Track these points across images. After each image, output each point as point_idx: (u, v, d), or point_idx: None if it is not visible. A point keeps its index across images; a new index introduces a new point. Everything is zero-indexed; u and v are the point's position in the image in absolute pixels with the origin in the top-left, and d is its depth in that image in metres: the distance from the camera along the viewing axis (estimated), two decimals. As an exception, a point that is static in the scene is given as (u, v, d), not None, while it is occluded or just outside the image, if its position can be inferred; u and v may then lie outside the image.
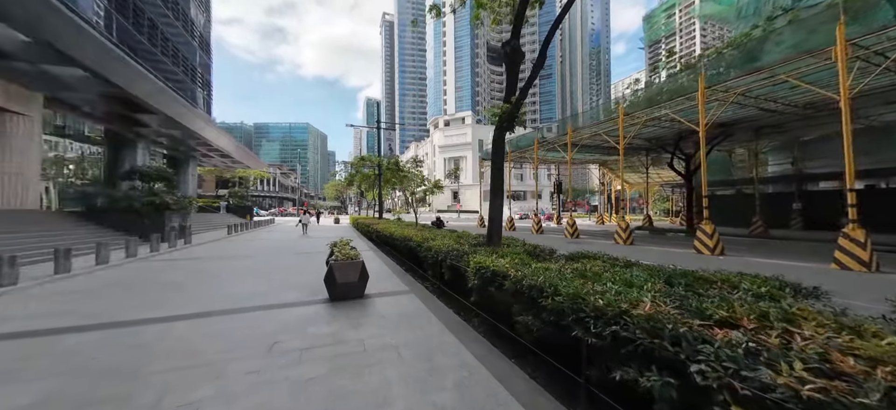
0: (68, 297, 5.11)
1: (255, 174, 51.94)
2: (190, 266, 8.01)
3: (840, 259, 7.57)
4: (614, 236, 14.31)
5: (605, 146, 20.28)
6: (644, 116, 14.01)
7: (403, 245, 7.83)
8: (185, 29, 28.15)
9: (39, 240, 9.82)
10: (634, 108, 14.53)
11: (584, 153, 22.78)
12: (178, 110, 17.55)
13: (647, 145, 20.40)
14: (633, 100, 16.20)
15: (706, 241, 10.56)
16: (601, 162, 29.20)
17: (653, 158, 23.86)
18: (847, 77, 7.77)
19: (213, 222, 23.94)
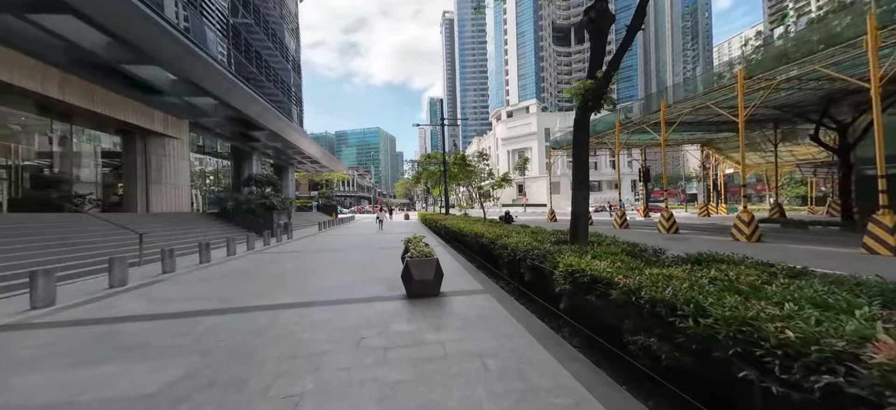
0: (208, 283, 6.29)
1: (337, 177, 58.65)
2: (292, 259, 9.24)
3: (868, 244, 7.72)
4: (732, 232, 11.59)
5: (711, 121, 16.68)
6: (776, 78, 10.90)
7: (474, 242, 7.60)
8: (282, 56, 33.09)
9: (190, 236, 12.64)
10: (759, 68, 11.43)
11: (681, 132, 19.17)
12: (280, 125, 20.69)
13: (776, 115, 16.04)
14: (757, 59, 12.79)
15: (886, 238, 7.67)
16: (704, 142, 24.21)
17: (784, 131, 18.71)
18: None
19: (307, 219, 27.76)
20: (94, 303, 4.88)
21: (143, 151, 15.28)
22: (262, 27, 27.43)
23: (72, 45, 9.68)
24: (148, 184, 15.26)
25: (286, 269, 7.59)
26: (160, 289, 5.82)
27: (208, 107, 15.83)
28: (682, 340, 1.89)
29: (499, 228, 7.76)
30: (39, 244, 7.68)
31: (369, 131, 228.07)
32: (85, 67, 10.90)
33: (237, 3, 23.07)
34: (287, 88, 33.58)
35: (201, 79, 12.73)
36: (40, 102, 10.92)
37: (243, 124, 19.03)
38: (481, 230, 7.33)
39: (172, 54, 10.95)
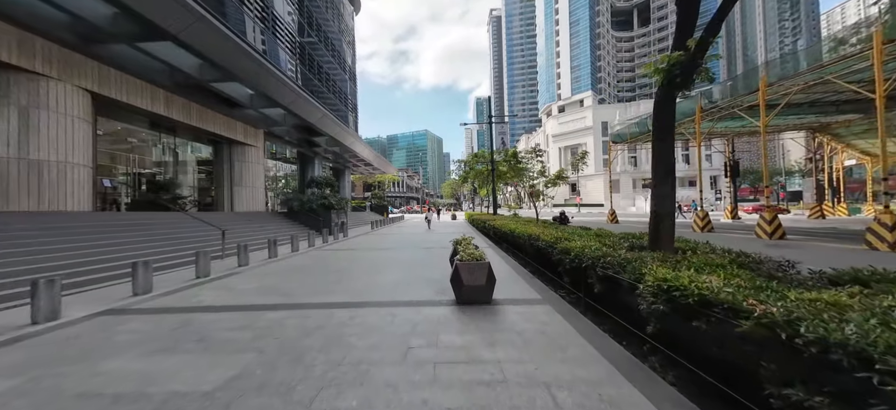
0: (272, 278, 6.76)
1: (388, 178, 61.52)
2: (346, 256, 9.64)
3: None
4: (868, 238, 9.00)
5: (829, 101, 13.35)
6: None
7: (528, 245, 6.99)
8: (340, 67, 35.74)
9: (262, 233, 14.10)
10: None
11: (786, 116, 15.75)
12: (337, 130, 22.20)
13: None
14: (893, 19, 9.78)
15: None
16: (817, 128, 19.60)
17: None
18: None
19: (361, 218, 29.43)
20: (180, 292, 5.51)
21: (228, 158, 17.60)
22: (323, 43, 29.88)
23: (173, 69, 11.47)
24: (232, 186, 17.53)
25: (340, 266, 7.87)
26: (234, 281, 6.40)
27: (278, 117, 17.60)
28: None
29: (555, 230, 7.03)
30: (145, 239, 9.15)
31: (418, 134, 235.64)
32: (183, 87, 12.85)
33: (303, 24, 25.43)
34: (344, 97, 36.15)
35: (272, 91, 14.15)
36: (151, 118, 13.16)
37: (306, 131, 20.82)
38: (536, 232, 6.70)
39: (251, 71, 12.31)
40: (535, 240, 6.44)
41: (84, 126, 10.09)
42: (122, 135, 13.67)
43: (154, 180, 14.82)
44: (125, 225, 9.45)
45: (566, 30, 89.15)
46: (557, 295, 4.95)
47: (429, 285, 5.73)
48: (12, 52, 8.17)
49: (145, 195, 13.71)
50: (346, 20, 37.43)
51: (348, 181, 36.25)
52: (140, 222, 10.16)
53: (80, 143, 9.91)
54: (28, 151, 8.58)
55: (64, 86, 9.42)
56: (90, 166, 10.30)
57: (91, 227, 8.56)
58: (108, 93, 10.76)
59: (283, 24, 21.08)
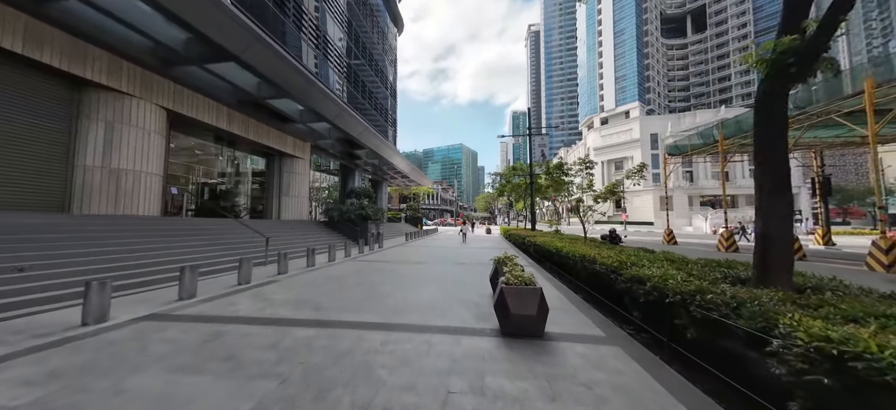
0: (307, 288, 6.65)
1: (424, 191, 62.42)
2: (381, 268, 9.41)
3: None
4: None
5: None
6: None
7: (581, 268, 6.12)
8: (383, 84, 37.46)
9: (304, 241, 14.57)
10: None
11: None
12: (377, 143, 22.88)
13: None
14: None
15: None
16: None
17: None
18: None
19: (397, 229, 29.76)
20: (220, 300, 5.54)
21: (278, 169, 18.81)
22: (368, 62, 31.53)
23: (235, 87, 12.53)
24: (280, 196, 18.62)
25: (374, 279, 7.60)
26: (271, 290, 6.38)
27: (324, 130, 18.52)
28: None
29: (612, 251, 6.09)
30: (200, 243, 9.73)
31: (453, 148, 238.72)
32: (243, 104, 13.98)
33: (351, 45, 27.09)
34: (385, 112, 37.63)
35: (319, 105, 14.89)
36: (215, 132, 14.45)
37: (349, 144, 21.70)
38: (590, 253, 5.83)
39: (300, 86, 13.05)
40: (589, 263, 5.58)
41: (158, 139, 11.25)
42: (191, 148, 15.16)
43: (214, 189, 16.20)
44: (184, 230, 10.20)
45: (610, 39, 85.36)
46: (624, 333, 4.07)
47: (467, 307, 5.15)
48: (103, 73, 9.38)
49: (206, 203, 14.97)
50: (390, 40, 39.32)
51: (385, 193, 37.19)
52: (197, 228, 10.94)
53: (154, 154, 11.04)
54: (110, 161, 9.68)
55: (144, 103, 10.62)
56: (161, 174, 11.42)
57: (156, 230, 9.32)
58: (181, 109, 11.97)
59: (333, 47, 22.56)
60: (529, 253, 12.86)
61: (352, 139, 19.94)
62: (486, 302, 5.46)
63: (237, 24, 9.50)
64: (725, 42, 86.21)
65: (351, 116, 17.78)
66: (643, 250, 6.12)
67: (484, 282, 7.29)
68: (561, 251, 7.50)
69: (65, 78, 9.09)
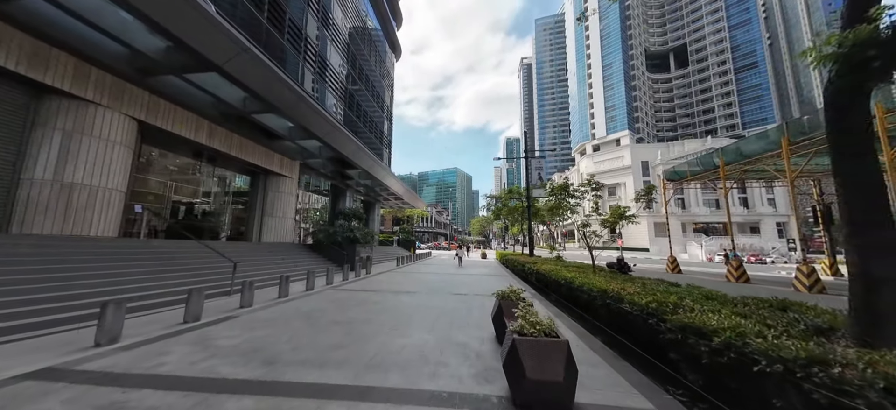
0: (267, 329, 5.48)
1: (418, 213, 61.44)
2: (365, 300, 8.25)
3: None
4: None
5: None
6: None
7: (601, 305, 5.14)
8: (379, 108, 37.50)
9: (281, 266, 13.29)
10: None
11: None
12: (370, 163, 22.13)
13: None
14: None
15: None
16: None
17: None
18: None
19: (387, 253, 28.43)
20: (148, 346, 4.36)
21: (262, 188, 17.75)
22: (365, 86, 31.57)
23: (219, 100, 11.74)
24: (263, 216, 17.44)
25: (354, 315, 6.45)
26: (221, 331, 5.20)
27: (314, 149, 17.73)
28: None
29: (634, 285, 5.17)
30: (151, 270, 8.47)
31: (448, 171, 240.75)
32: (227, 118, 13.17)
33: (349, 68, 27.09)
34: (380, 134, 37.38)
35: (309, 122, 14.15)
36: (194, 148, 13.49)
37: (340, 164, 20.89)
38: (613, 289, 4.88)
39: (290, 102, 12.33)
40: (614, 301, 4.62)
41: (124, 152, 10.24)
42: (163, 163, 14.11)
43: (189, 209, 14.98)
44: (138, 254, 8.95)
45: (599, 72, 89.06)
46: (680, 404, 3.05)
47: (465, 359, 4.09)
48: (67, 79, 8.50)
49: (177, 224, 13.70)
50: (387, 66, 39.86)
51: (378, 215, 36.08)
52: (157, 252, 9.69)
53: (117, 168, 9.98)
54: (63, 174, 8.59)
55: (111, 113, 9.70)
56: (123, 190, 10.30)
57: (102, 254, 8.09)
58: (155, 121, 11.06)
59: (332, 71, 22.38)
60: (530, 282, 11.82)
61: (344, 158, 19.16)
62: (490, 350, 4.41)
63: (220, 32, 8.85)
64: (707, 77, 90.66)
65: (343, 135, 17.10)
66: (675, 287, 5.22)
67: (485, 319, 6.22)
68: (573, 283, 6.53)
69: (23, 83, 8.18)
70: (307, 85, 18.40)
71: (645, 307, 3.79)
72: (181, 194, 15.18)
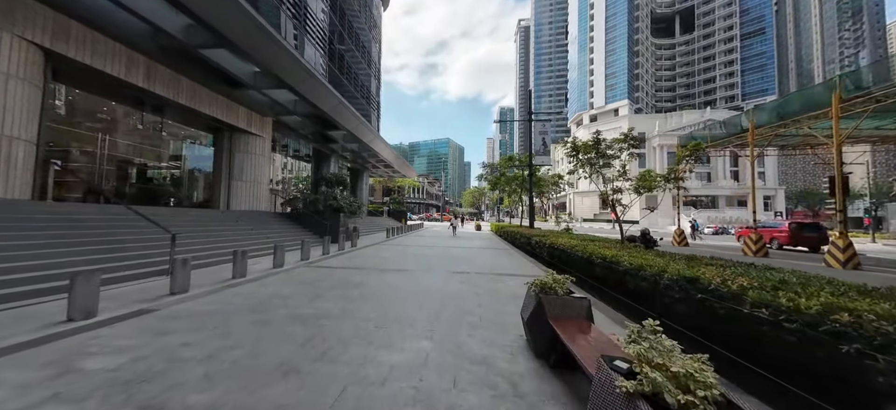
0: (184, 336, 3.74)
1: (409, 183, 59.21)
2: (346, 281, 6.54)
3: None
4: None
5: None
6: None
7: (677, 296, 3.55)
8: (366, 63, 33.92)
9: (247, 238, 11.40)
10: None
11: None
12: (355, 123, 19.66)
13: None
14: None
15: None
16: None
17: None
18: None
19: (377, 224, 26.71)
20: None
21: (227, 148, 15.34)
22: (347, 33, 28.00)
23: (155, 28, 9.11)
24: (230, 181, 15.20)
25: (325, 308, 4.73)
26: (109, 339, 3.42)
27: (289, 102, 15.20)
28: None
29: (712, 268, 3.58)
30: (55, 243, 6.48)
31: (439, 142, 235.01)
32: (169, 54, 10.53)
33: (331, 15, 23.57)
34: (367, 93, 34.16)
35: (276, 65, 11.64)
36: (130, 91, 10.89)
37: (321, 123, 18.39)
38: (704, 276, 3.26)
39: (242, 30, 9.77)
40: (722, 298, 2.99)
41: (28, 91, 7.81)
42: (92, 109, 11.55)
43: (142, 171, 12.65)
44: (30, 219, 6.85)
45: (601, 37, 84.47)
46: None
47: (491, 390, 2.46)
48: None
49: (110, 187, 11.43)
50: (374, 15, 35.72)
51: (366, 184, 33.89)
52: (61, 216, 7.59)
53: (18, 110, 7.61)
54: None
55: (4, 36, 7.17)
56: (30, 141, 7.98)
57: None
58: (67, 51, 8.49)
59: (313, 17, 19.14)
60: (539, 257, 10.34)
61: (324, 116, 16.69)
62: (528, 375, 2.79)
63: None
64: (712, 43, 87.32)
65: (321, 86, 14.57)
66: (744, 264, 3.69)
67: (501, 311, 4.63)
68: (617, 264, 4.92)
69: None
70: (285, 32, 15.46)
71: (801, 311, 2.16)
72: (131, 153, 12.76)
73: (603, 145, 7.67)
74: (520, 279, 7.04)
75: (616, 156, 7.58)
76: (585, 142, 8.24)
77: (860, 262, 10.37)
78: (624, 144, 7.52)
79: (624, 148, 7.53)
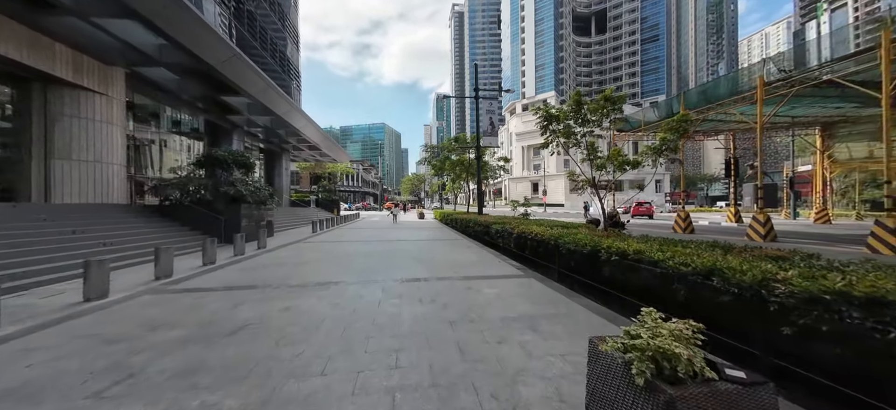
0: None
1: (341, 169, 53.40)
2: (210, 323, 3.76)
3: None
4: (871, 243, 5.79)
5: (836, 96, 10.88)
6: None
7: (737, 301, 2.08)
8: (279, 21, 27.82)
9: (81, 244, 7.25)
10: None
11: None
12: (262, 87, 15.26)
13: None
14: None
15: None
16: (824, 125, 18.30)
17: None
18: None
19: (301, 216, 22.44)
20: None
21: (42, 110, 9.98)
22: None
23: None
24: (47, 159, 9.95)
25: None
26: None
27: (151, 48, 10.46)
28: None
29: (737, 259, 2.25)
30: None
31: (375, 127, 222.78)
32: None
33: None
34: (284, 60, 28.30)
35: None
36: None
37: (210, 84, 13.63)
38: (760, 271, 1.82)
39: None
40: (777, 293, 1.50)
41: None
42: None
43: None
44: None
45: (531, 29, 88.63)
46: None
47: None
48: None
49: None
50: (288, -36, 29.52)
51: (287, 169, 28.53)
52: None
53: None
54: None
55: None
56: None
57: None
58: None
59: None
60: (503, 249, 8.81)
61: (214, 74, 12.20)
62: None
63: None
64: (620, 45, 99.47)
65: (199, 24, 10.24)
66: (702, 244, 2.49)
67: (511, 365, 2.64)
68: (625, 253, 3.40)
69: None
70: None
71: None
72: None
73: (585, 110, 6.25)
74: (496, 282, 5.24)
75: (599, 122, 6.27)
76: (562, 109, 6.75)
77: (777, 234, 11.44)
78: (606, 108, 6.22)
79: (606, 113, 6.24)
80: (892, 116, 7.66)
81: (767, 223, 11.08)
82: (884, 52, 7.00)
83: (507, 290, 4.74)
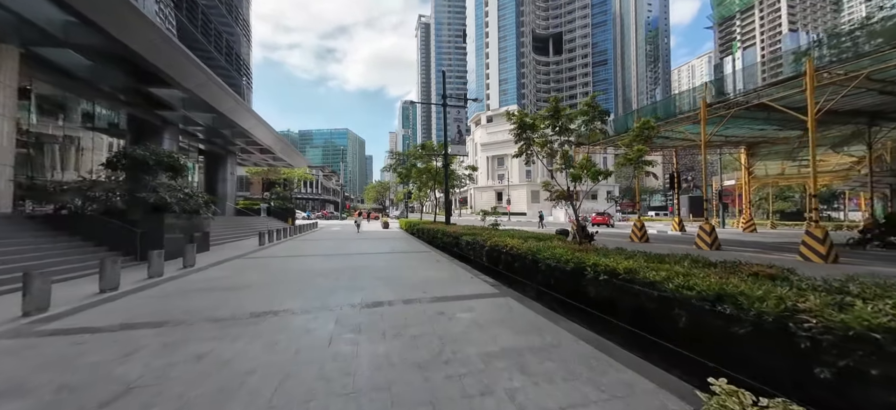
0: None
1: (298, 175, 49.86)
2: (85, 387, 2.67)
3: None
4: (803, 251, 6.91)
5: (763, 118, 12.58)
6: None
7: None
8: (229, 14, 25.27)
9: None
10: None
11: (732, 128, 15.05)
12: (202, 79, 13.40)
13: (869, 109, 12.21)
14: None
15: None
16: (749, 144, 20.83)
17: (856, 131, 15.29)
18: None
19: (247, 226, 20.09)
20: None
21: None
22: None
23: None
24: None
25: None
26: None
27: (55, 25, 8.48)
28: None
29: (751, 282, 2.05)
30: None
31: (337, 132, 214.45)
32: None
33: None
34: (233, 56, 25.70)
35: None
36: None
37: (136, 72, 11.57)
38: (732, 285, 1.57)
39: None
40: None
41: None
42: None
43: None
44: None
45: (495, 44, 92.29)
46: None
47: None
48: None
49: None
50: (240, -47, 27.19)
51: (232, 174, 25.67)
52: None
53: None
54: None
55: None
56: None
57: None
58: None
59: None
60: (475, 263, 8.32)
61: (136, 60, 10.32)
62: None
63: None
64: (574, 66, 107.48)
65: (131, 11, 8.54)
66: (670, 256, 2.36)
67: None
68: (636, 275, 3.08)
69: None
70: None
71: None
72: None
73: (563, 118, 6.07)
74: (471, 303, 4.67)
75: (578, 130, 6.13)
76: (538, 115, 6.53)
77: (721, 244, 12.40)
78: (588, 113, 6.10)
79: (588, 119, 6.12)
80: (813, 138, 8.74)
81: (712, 232, 11.99)
82: (808, 79, 7.93)
83: (484, 314, 4.19)
